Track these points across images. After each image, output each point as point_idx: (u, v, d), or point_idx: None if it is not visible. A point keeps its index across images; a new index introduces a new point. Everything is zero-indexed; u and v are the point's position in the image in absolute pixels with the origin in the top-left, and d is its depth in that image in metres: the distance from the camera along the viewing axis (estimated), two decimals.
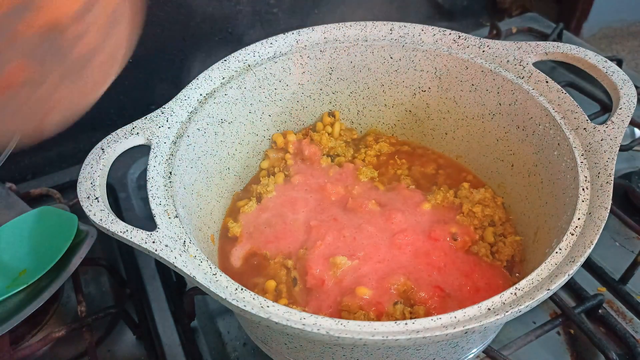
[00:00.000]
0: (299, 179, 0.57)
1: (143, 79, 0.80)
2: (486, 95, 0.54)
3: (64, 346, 0.56)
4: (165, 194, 0.44)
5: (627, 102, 0.47)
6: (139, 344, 0.57)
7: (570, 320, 0.53)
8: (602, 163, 0.43)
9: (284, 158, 0.60)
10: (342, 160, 0.60)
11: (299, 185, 0.57)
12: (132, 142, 0.47)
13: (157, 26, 0.76)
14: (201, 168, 0.51)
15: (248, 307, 0.35)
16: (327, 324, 0.34)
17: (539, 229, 0.48)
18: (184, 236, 0.41)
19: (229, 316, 0.57)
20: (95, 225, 0.41)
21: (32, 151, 0.77)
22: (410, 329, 0.34)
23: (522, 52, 0.52)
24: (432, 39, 0.56)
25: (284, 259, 0.51)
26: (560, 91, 0.49)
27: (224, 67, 0.54)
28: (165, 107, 0.49)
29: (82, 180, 0.43)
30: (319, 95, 0.60)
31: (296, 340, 0.42)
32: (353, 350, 0.40)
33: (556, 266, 0.38)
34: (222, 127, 0.53)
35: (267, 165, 0.60)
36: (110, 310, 0.55)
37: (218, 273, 0.38)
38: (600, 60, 0.50)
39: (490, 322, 0.34)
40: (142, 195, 0.71)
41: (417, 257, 0.50)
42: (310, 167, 0.59)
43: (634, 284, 0.58)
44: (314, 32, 0.57)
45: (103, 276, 0.63)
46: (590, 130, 0.46)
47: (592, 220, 0.40)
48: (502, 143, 0.55)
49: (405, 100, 0.60)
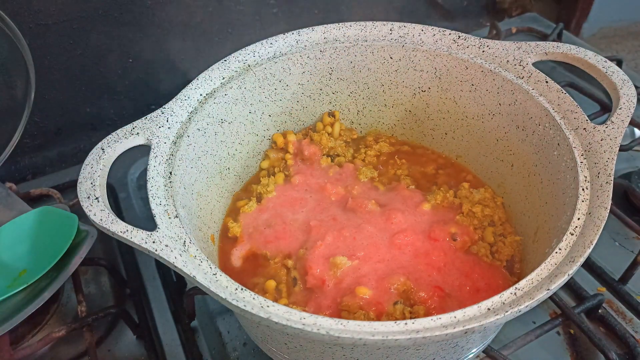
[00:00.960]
0: (299, 179, 0.57)
1: (143, 79, 0.80)
2: (486, 95, 0.54)
3: (64, 346, 0.56)
4: (165, 194, 0.44)
5: (626, 102, 0.47)
6: (139, 344, 0.57)
7: (570, 320, 0.53)
8: (601, 163, 0.43)
9: (284, 158, 0.60)
10: (342, 160, 0.60)
11: (299, 185, 0.57)
12: (132, 142, 0.47)
13: (157, 26, 0.76)
14: (201, 168, 0.51)
15: (248, 307, 0.35)
16: (327, 324, 0.34)
17: (539, 229, 0.48)
18: (184, 236, 0.41)
19: (229, 316, 0.57)
20: (95, 225, 0.41)
21: (32, 151, 0.77)
22: (410, 329, 0.34)
23: (521, 52, 0.52)
24: (432, 39, 0.56)
25: (284, 259, 0.51)
26: (560, 91, 0.49)
27: (224, 67, 0.54)
28: (165, 107, 0.49)
29: (82, 180, 0.43)
30: (319, 95, 0.60)
31: (296, 340, 0.42)
32: (353, 350, 0.40)
33: (556, 266, 0.38)
34: (222, 127, 0.53)
35: (267, 165, 0.60)
36: (110, 310, 0.55)
37: (218, 273, 0.38)
38: (600, 60, 0.50)
39: (490, 322, 0.34)
40: (142, 195, 0.71)
41: (417, 257, 0.50)
42: (310, 167, 0.59)
43: (633, 283, 0.58)
44: (314, 32, 0.57)
45: (103, 276, 0.63)
46: (590, 130, 0.46)
47: (591, 220, 0.40)
48: (502, 143, 0.55)
49: (405, 101, 0.60)
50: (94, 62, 0.75)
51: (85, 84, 0.76)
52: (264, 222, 0.54)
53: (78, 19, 0.70)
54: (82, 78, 0.75)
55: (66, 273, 0.52)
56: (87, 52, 0.73)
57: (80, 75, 0.75)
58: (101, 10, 0.71)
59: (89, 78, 0.75)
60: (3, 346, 0.51)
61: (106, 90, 0.78)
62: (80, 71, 0.74)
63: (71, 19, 0.70)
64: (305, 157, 0.59)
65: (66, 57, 0.72)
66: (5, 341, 0.51)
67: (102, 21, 0.72)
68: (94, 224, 0.41)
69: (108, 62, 0.76)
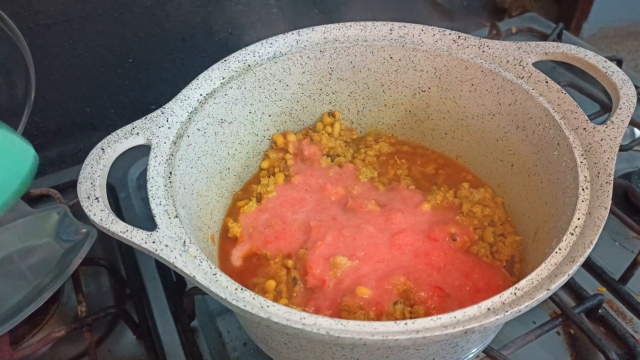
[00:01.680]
0: (299, 179, 0.57)
1: (143, 79, 0.80)
2: (486, 95, 0.54)
3: (64, 346, 0.56)
4: (165, 194, 0.44)
5: (626, 102, 0.47)
6: (139, 344, 0.57)
7: (570, 320, 0.53)
8: (601, 163, 0.43)
9: (284, 158, 0.60)
10: (342, 161, 0.60)
11: (299, 186, 0.57)
12: (132, 142, 0.47)
13: (157, 26, 0.76)
14: (201, 168, 0.51)
15: (248, 307, 0.35)
16: (327, 324, 0.34)
17: (539, 229, 0.48)
18: (184, 236, 0.41)
19: (229, 316, 0.57)
20: (95, 225, 0.41)
21: None
22: (410, 329, 0.34)
23: (521, 52, 0.52)
24: (432, 39, 0.56)
25: (284, 259, 0.51)
26: (560, 91, 0.49)
27: (224, 67, 0.54)
28: (165, 107, 0.49)
29: (82, 180, 0.43)
30: (318, 96, 0.60)
31: (296, 340, 0.42)
32: (353, 350, 0.40)
33: (556, 266, 0.38)
34: (222, 127, 0.53)
35: (267, 165, 0.60)
36: (110, 310, 0.55)
37: (218, 273, 0.38)
38: (600, 60, 0.50)
39: (490, 322, 0.34)
40: (142, 195, 0.71)
41: (417, 257, 0.49)
42: (310, 167, 0.59)
43: (633, 283, 0.58)
44: (314, 32, 0.57)
45: (103, 276, 0.63)
46: (590, 130, 0.46)
47: (591, 220, 0.40)
48: (502, 143, 0.55)
49: (405, 100, 0.60)
50: (94, 62, 0.75)
51: (85, 84, 0.76)
52: (264, 222, 0.54)
53: (78, 19, 0.70)
54: (82, 78, 0.75)
55: (66, 273, 0.53)
56: (87, 52, 0.73)
57: (80, 75, 0.75)
58: (101, 10, 0.71)
59: (89, 78, 0.75)
60: (3, 346, 0.51)
61: (106, 90, 0.78)
62: (80, 71, 0.74)
63: (71, 19, 0.70)
64: (305, 157, 0.59)
65: (66, 57, 0.72)
66: (5, 341, 0.51)
67: (102, 21, 0.72)
68: (94, 224, 0.41)
69: (108, 62, 0.76)
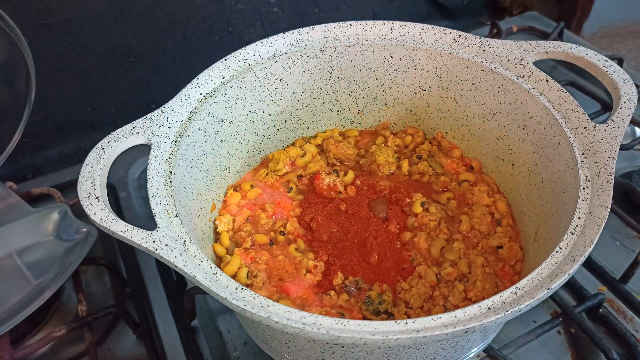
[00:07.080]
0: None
1: (143, 78, 0.80)
2: (486, 95, 0.54)
3: (65, 346, 0.56)
4: (165, 193, 0.44)
5: (627, 101, 0.47)
6: (139, 344, 0.57)
7: (571, 320, 0.53)
8: (602, 162, 0.43)
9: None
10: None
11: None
12: (133, 141, 0.47)
13: (157, 26, 0.76)
14: (201, 167, 0.51)
15: (248, 306, 0.35)
16: (328, 324, 0.34)
17: (539, 228, 0.48)
18: (184, 235, 0.41)
19: (229, 315, 0.57)
20: (95, 224, 0.41)
21: (32, 151, 0.77)
22: (410, 329, 0.34)
23: (522, 51, 0.52)
24: (433, 38, 0.56)
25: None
26: (561, 90, 0.49)
27: (224, 66, 0.54)
28: (165, 106, 0.49)
29: (83, 179, 0.43)
30: (319, 95, 0.60)
31: (296, 340, 0.42)
32: (353, 350, 0.40)
33: (556, 265, 0.38)
34: (222, 126, 0.53)
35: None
36: (110, 310, 0.55)
37: (218, 272, 0.38)
38: (601, 59, 0.50)
39: (491, 321, 0.34)
40: (143, 195, 0.71)
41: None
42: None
43: (634, 283, 0.58)
44: (315, 32, 0.57)
45: (103, 275, 0.63)
46: (590, 130, 0.46)
47: (592, 220, 0.40)
48: (503, 142, 0.55)
49: (405, 100, 0.60)
50: (94, 62, 0.75)
51: (86, 83, 0.76)
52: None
53: (78, 18, 0.70)
54: (83, 77, 0.75)
55: (66, 272, 0.53)
56: (87, 51, 0.73)
57: (81, 74, 0.75)
58: (101, 9, 0.71)
59: (89, 77, 0.75)
60: (3, 346, 0.51)
61: (106, 90, 0.78)
62: (80, 70, 0.74)
63: (71, 18, 0.70)
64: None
65: (66, 57, 0.72)
66: (5, 341, 0.51)
67: (102, 21, 0.72)
68: (94, 224, 0.41)
69: (108, 62, 0.76)
